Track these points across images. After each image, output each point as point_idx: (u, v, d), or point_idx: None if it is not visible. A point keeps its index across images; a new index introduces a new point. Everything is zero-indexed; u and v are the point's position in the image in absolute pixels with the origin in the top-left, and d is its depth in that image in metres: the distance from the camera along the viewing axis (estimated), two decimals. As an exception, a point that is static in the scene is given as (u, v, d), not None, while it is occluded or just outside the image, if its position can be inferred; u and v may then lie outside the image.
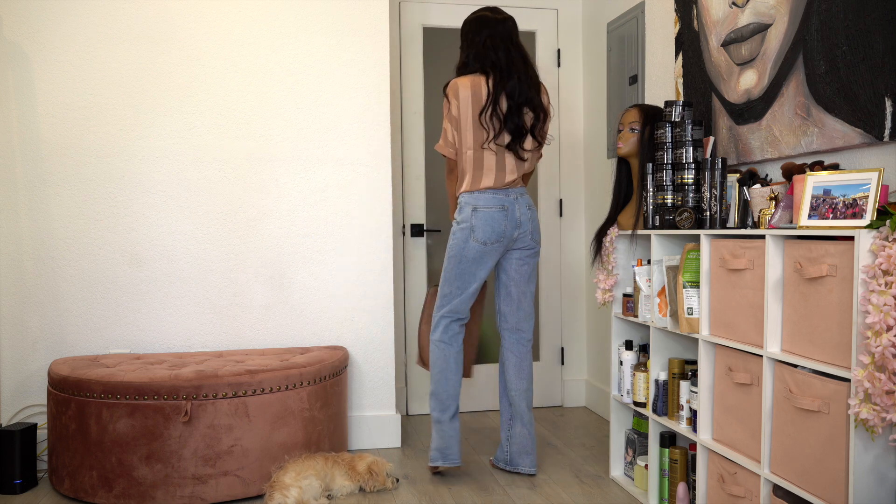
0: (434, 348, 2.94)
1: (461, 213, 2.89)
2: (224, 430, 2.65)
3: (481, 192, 2.86)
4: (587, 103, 4.03)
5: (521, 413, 2.96)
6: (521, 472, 2.98)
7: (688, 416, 2.41)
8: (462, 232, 2.86)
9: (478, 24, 2.92)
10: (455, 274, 2.89)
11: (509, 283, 2.97)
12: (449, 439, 2.90)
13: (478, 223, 2.84)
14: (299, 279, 3.29)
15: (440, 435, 2.90)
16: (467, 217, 2.86)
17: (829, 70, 2.13)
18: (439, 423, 2.90)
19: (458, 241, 2.88)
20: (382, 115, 3.35)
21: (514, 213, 2.87)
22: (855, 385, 1.65)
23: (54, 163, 3.09)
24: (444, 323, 2.93)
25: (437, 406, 2.91)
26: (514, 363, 2.99)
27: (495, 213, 2.85)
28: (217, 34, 3.21)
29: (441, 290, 2.94)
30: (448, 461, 2.89)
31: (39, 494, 2.78)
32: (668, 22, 3.10)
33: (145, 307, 3.16)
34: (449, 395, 2.90)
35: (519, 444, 2.97)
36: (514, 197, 2.88)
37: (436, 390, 2.92)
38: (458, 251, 2.88)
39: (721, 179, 2.36)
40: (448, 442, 2.89)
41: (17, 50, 3.05)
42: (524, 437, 2.96)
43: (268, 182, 3.26)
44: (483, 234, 2.85)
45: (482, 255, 2.86)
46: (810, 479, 1.83)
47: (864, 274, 1.64)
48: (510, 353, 3.00)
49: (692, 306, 2.34)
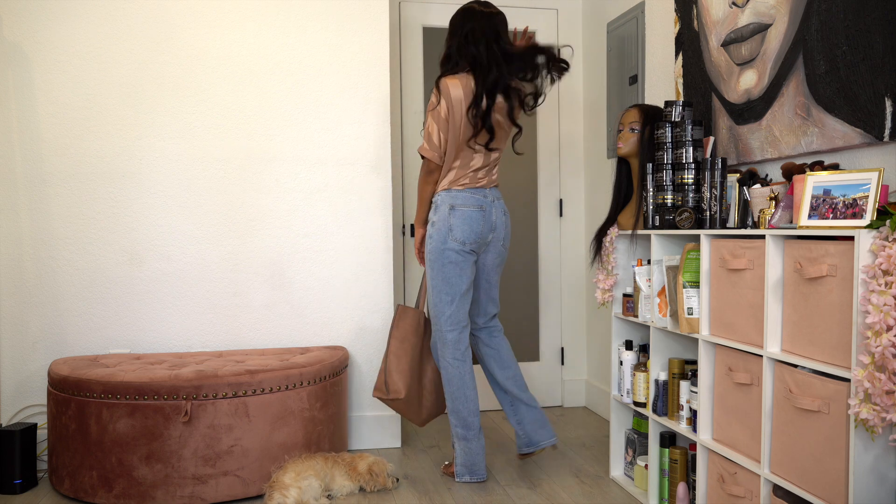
0: (449, 367, 2.82)
1: (437, 212, 2.80)
2: (224, 430, 2.65)
3: (459, 190, 2.79)
4: (587, 103, 4.03)
5: (519, 396, 2.94)
6: (544, 447, 2.95)
7: (688, 416, 2.41)
8: (439, 233, 2.77)
9: (464, 15, 2.83)
10: (441, 278, 2.78)
11: (480, 278, 2.94)
12: (475, 456, 2.85)
13: (455, 222, 2.76)
14: (299, 279, 3.29)
15: (466, 452, 2.85)
16: (444, 216, 2.77)
17: (829, 70, 2.13)
18: (466, 440, 2.84)
19: (435, 243, 2.77)
20: (382, 115, 3.35)
21: (491, 216, 2.83)
22: (855, 385, 1.65)
23: (54, 163, 3.09)
24: (450, 339, 2.81)
25: (460, 423, 2.83)
26: (492, 356, 2.97)
27: (473, 212, 2.78)
28: (217, 34, 3.21)
29: (433, 305, 2.82)
30: (475, 476, 2.87)
31: (39, 494, 2.78)
32: (668, 22, 3.10)
33: (145, 307, 3.16)
34: (471, 412, 2.83)
35: (531, 421, 2.93)
36: (491, 199, 2.84)
37: (456, 408, 2.83)
38: (437, 254, 2.77)
39: (721, 179, 2.36)
40: (475, 458, 2.86)
41: (17, 50, 3.05)
42: (533, 413, 2.94)
43: (268, 182, 3.26)
44: (461, 233, 2.76)
45: (463, 258, 2.79)
46: (810, 479, 1.83)
47: (864, 274, 1.64)
48: (486, 347, 2.98)
49: (692, 306, 2.34)
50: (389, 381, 2.86)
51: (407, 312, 2.99)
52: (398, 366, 2.88)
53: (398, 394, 2.85)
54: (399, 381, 2.86)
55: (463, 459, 2.87)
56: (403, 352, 2.91)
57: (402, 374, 2.87)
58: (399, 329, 2.95)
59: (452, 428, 2.87)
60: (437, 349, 2.89)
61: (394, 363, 2.88)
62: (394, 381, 2.85)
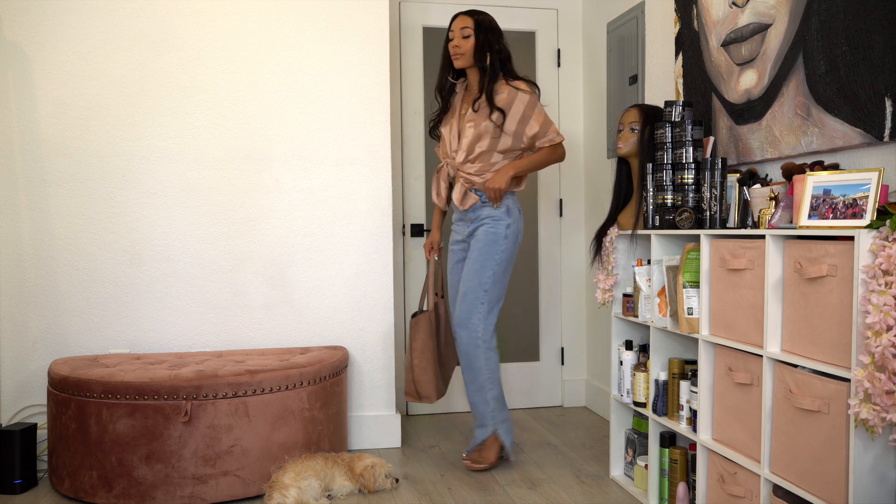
0: (493, 355, 2.98)
1: (511, 214, 2.96)
2: (224, 430, 2.65)
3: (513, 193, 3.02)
4: (587, 103, 4.03)
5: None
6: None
7: (688, 416, 2.41)
8: (516, 236, 2.97)
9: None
10: (506, 278, 2.99)
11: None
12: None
13: (522, 227, 3.02)
14: (299, 279, 3.29)
15: (510, 429, 3.05)
16: (517, 219, 2.98)
17: (829, 70, 2.13)
18: (510, 420, 3.07)
19: (511, 245, 2.96)
20: (382, 115, 3.35)
21: None
22: (855, 385, 1.65)
23: (54, 163, 3.09)
24: (493, 329, 2.98)
25: (505, 406, 3.03)
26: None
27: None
28: (217, 34, 3.21)
29: (492, 298, 2.95)
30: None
31: (39, 494, 2.78)
32: (668, 22, 3.10)
33: (145, 307, 3.16)
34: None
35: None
36: None
37: (501, 393, 3.02)
38: (511, 255, 2.98)
39: (721, 179, 2.36)
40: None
41: (17, 50, 3.05)
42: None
43: (268, 182, 3.26)
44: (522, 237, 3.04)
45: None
46: (810, 479, 1.83)
47: (864, 274, 1.64)
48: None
49: (692, 306, 2.34)
50: (420, 390, 3.06)
51: (419, 323, 3.07)
52: (424, 377, 3.05)
53: (430, 399, 3.06)
54: (429, 388, 3.05)
55: (511, 438, 3.05)
56: (427, 362, 3.05)
57: (430, 382, 3.05)
58: (417, 341, 3.06)
59: (502, 412, 3.00)
60: (477, 331, 2.94)
61: (420, 376, 3.05)
62: (424, 389, 3.06)
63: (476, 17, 2.94)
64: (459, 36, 2.94)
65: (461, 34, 2.94)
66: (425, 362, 3.04)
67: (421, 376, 3.05)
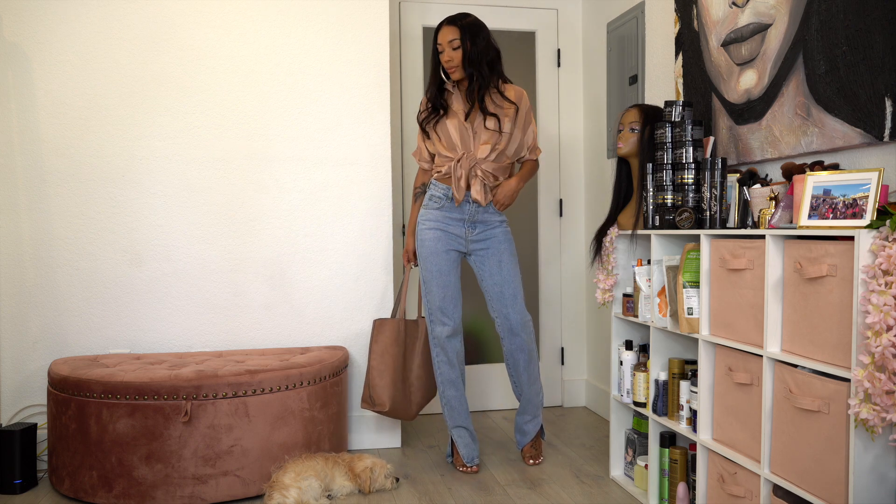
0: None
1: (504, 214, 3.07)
2: (224, 430, 2.65)
3: None
4: (587, 103, 4.03)
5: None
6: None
7: (688, 416, 2.41)
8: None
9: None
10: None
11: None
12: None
13: None
14: (299, 279, 3.29)
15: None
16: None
17: (829, 70, 2.13)
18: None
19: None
20: (382, 115, 3.35)
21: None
22: (855, 385, 1.65)
23: (54, 163, 3.09)
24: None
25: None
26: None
27: None
28: (217, 34, 3.21)
29: (521, 292, 3.03)
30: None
31: (39, 494, 2.78)
32: (668, 22, 3.10)
33: (145, 307, 3.16)
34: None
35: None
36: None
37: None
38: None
39: (721, 179, 2.36)
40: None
41: (17, 50, 3.05)
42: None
43: (268, 182, 3.26)
44: None
45: None
46: (810, 479, 1.83)
47: (864, 274, 1.64)
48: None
49: (692, 306, 2.34)
50: (374, 395, 3.00)
51: (384, 325, 3.07)
52: (381, 381, 2.99)
53: (383, 406, 2.99)
54: (383, 395, 2.99)
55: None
56: (385, 366, 3.02)
57: (386, 388, 2.99)
58: (378, 343, 3.05)
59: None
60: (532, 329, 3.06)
61: (376, 379, 3.00)
62: (378, 395, 2.99)
63: (461, 24, 2.87)
64: (449, 49, 2.87)
65: (450, 46, 2.87)
66: (383, 366, 3.00)
67: (377, 380, 2.98)
